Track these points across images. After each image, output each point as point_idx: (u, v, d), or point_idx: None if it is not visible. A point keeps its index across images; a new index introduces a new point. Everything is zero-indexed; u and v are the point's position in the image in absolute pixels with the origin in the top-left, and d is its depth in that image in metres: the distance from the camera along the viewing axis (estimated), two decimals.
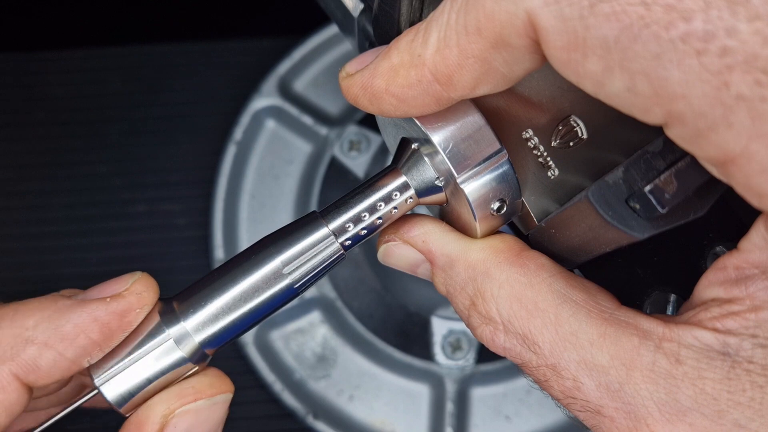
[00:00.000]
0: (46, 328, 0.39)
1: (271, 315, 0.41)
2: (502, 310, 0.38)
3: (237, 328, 0.41)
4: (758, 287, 0.34)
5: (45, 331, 0.39)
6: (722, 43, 0.29)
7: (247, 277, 0.40)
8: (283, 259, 0.40)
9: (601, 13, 0.30)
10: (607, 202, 0.35)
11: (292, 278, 0.40)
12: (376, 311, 0.80)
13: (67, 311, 0.39)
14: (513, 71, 0.34)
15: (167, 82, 0.88)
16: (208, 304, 0.40)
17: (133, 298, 0.40)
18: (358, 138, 0.83)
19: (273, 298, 0.40)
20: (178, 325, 0.40)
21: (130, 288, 0.40)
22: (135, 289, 0.40)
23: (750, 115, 0.29)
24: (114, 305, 0.40)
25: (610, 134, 0.40)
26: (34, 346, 0.39)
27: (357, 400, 0.77)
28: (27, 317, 0.39)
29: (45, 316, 0.39)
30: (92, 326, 0.39)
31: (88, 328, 0.39)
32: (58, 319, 0.39)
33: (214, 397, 0.41)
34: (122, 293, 0.40)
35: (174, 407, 0.40)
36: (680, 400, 0.34)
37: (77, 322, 0.39)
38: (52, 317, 0.39)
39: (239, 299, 0.40)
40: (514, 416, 0.76)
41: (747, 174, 0.30)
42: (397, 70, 0.36)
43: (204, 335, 0.40)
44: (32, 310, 0.39)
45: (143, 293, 0.41)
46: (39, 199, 0.84)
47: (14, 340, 0.39)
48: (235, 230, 0.83)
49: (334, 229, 0.40)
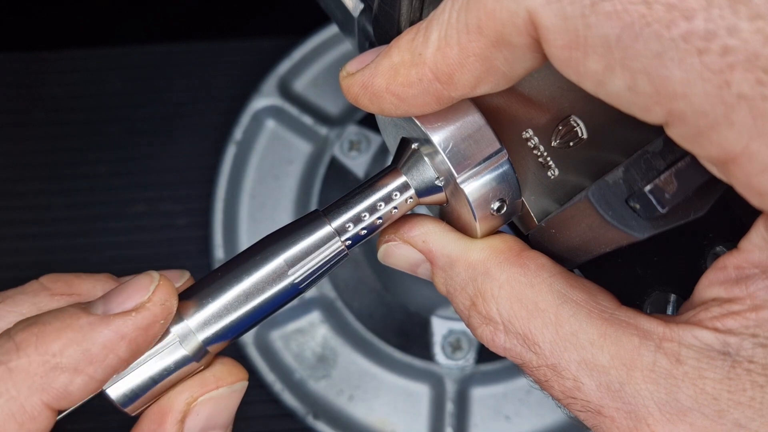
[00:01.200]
0: (74, 352, 0.37)
1: (273, 314, 0.41)
2: (503, 310, 0.38)
3: (240, 327, 0.41)
4: (758, 287, 0.34)
5: (73, 355, 0.37)
6: (724, 42, 0.29)
7: (250, 276, 0.40)
8: (286, 257, 0.40)
9: (602, 11, 0.30)
10: (607, 202, 0.35)
11: (295, 277, 0.40)
12: (376, 311, 0.80)
13: (92, 330, 0.38)
14: (514, 70, 0.34)
15: (167, 82, 0.88)
16: (211, 303, 0.40)
17: (157, 309, 0.39)
18: (358, 138, 0.83)
19: (276, 296, 0.40)
20: (182, 323, 0.40)
21: (153, 298, 0.39)
22: (158, 299, 0.39)
23: (751, 114, 0.29)
24: (140, 319, 0.38)
25: (610, 134, 0.40)
26: (65, 374, 0.37)
27: (357, 400, 0.77)
28: (52, 341, 0.37)
29: (70, 338, 0.37)
30: (120, 344, 0.38)
31: (116, 347, 0.38)
32: (84, 340, 0.37)
33: (234, 384, 0.41)
34: (146, 305, 0.39)
35: (197, 395, 0.40)
36: (681, 399, 0.34)
37: (105, 342, 0.37)
38: (78, 339, 0.37)
39: (242, 298, 0.40)
40: (514, 416, 0.76)
41: (748, 173, 0.30)
42: (398, 68, 0.36)
43: (207, 334, 0.40)
44: (56, 332, 0.37)
45: (166, 302, 0.39)
46: (39, 199, 0.84)
47: (43, 368, 0.37)
48: (235, 230, 0.83)
49: (336, 227, 0.40)
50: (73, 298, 0.42)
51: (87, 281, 0.43)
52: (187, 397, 0.40)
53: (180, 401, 0.40)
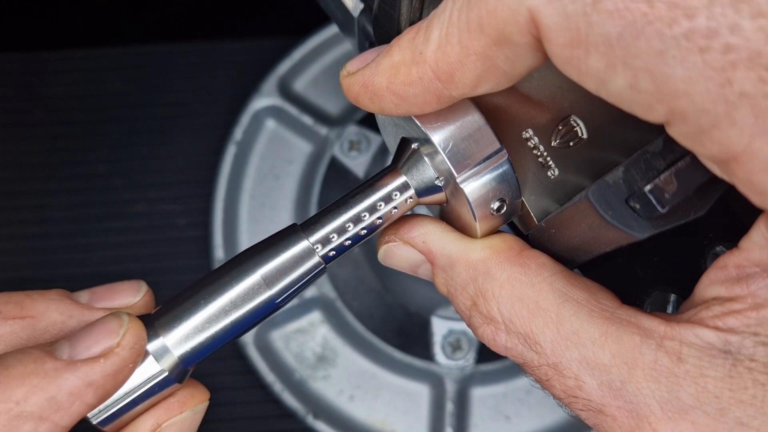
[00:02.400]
0: (39, 399, 0.35)
1: (252, 328, 0.41)
2: (503, 310, 0.38)
3: (217, 343, 0.40)
4: (759, 285, 0.34)
5: (38, 403, 0.35)
6: (725, 40, 0.29)
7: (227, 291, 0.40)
8: (263, 272, 0.40)
9: (604, 9, 0.30)
10: (607, 202, 0.35)
11: (272, 292, 0.40)
12: (376, 311, 0.80)
13: (58, 377, 0.36)
14: (515, 69, 0.34)
15: (167, 82, 0.88)
16: (187, 320, 0.39)
17: (126, 353, 0.38)
18: (358, 138, 0.83)
19: (253, 312, 0.40)
20: (158, 340, 0.39)
21: (122, 342, 0.38)
22: (128, 343, 0.38)
23: (753, 112, 0.29)
24: (108, 366, 0.37)
25: (610, 134, 0.40)
26: (29, 423, 0.35)
27: (357, 400, 0.77)
28: (14, 388, 0.35)
29: (35, 384, 0.36)
30: (87, 391, 0.37)
31: (83, 394, 0.36)
32: (49, 387, 0.36)
33: (197, 407, 0.41)
34: (114, 350, 0.37)
35: (161, 420, 0.40)
36: (682, 398, 0.34)
37: (71, 390, 0.36)
38: (43, 386, 0.36)
39: (219, 314, 0.40)
40: (514, 416, 0.76)
41: (749, 172, 0.30)
42: (399, 67, 0.36)
43: (183, 350, 0.39)
44: (19, 378, 0.36)
45: (136, 345, 0.38)
46: (39, 199, 0.84)
47: (6, 416, 0.35)
48: (235, 230, 0.83)
49: (323, 235, 0.40)
50: (26, 321, 0.41)
51: (39, 302, 0.41)
52: (152, 424, 0.40)
53: (146, 428, 0.40)
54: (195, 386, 0.42)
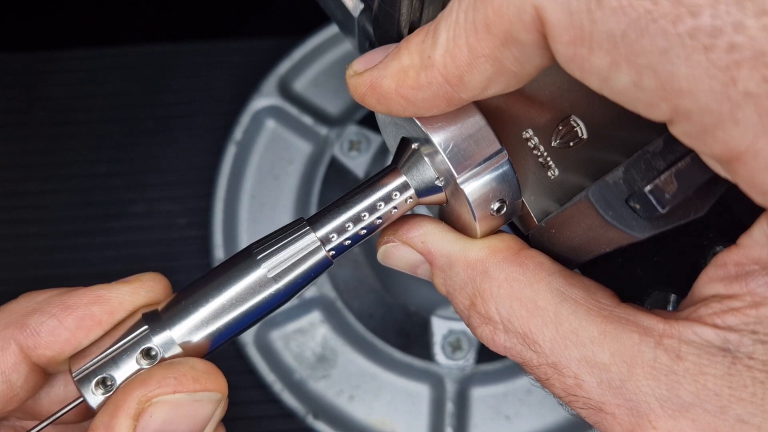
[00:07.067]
0: (53, 300, 0.42)
1: (257, 323, 0.41)
2: (502, 310, 0.38)
3: (223, 337, 0.40)
4: (758, 283, 0.34)
5: (51, 302, 0.42)
6: (730, 39, 0.29)
7: (233, 285, 0.40)
8: (269, 266, 0.40)
9: (608, 6, 0.30)
10: (607, 202, 0.35)
11: (279, 285, 0.40)
12: (376, 311, 0.80)
13: (75, 290, 0.42)
14: (524, 69, 0.34)
15: (167, 82, 0.88)
16: (194, 314, 0.40)
17: (138, 283, 0.42)
18: (358, 138, 0.83)
19: (259, 305, 0.40)
20: (164, 333, 0.40)
21: (142, 277, 0.43)
22: (146, 277, 0.43)
23: (757, 111, 0.29)
24: (119, 285, 0.42)
25: (610, 134, 0.40)
26: (37, 314, 0.41)
27: (357, 400, 0.77)
28: (40, 294, 0.43)
29: (55, 293, 0.42)
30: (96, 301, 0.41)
31: (91, 300, 0.41)
32: (65, 293, 0.42)
33: (196, 393, 0.39)
34: (129, 279, 0.43)
35: (151, 395, 0.38)
36: (682, 396, 0.34)
37: (82, 296, 0.41)
38: (62, 292, 0.42)
39: (225, 307, 0.40)
40: (514, 416, 0.76)
41: (752, 171, 0.30)
42: (407, 71, 0.36)
43: (189, 344, 0.40)
44: (46, 291, 0.43)
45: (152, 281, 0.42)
46: (39, 199, 0.84)
47: (24, 308, 0.42)
48: (235, 230, 0.83)
49: (327, 232, 0.40)
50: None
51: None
52: (140, 396, 0.38)
53: (133, 398, 0.38)
54: (205, 372, 0.39)
